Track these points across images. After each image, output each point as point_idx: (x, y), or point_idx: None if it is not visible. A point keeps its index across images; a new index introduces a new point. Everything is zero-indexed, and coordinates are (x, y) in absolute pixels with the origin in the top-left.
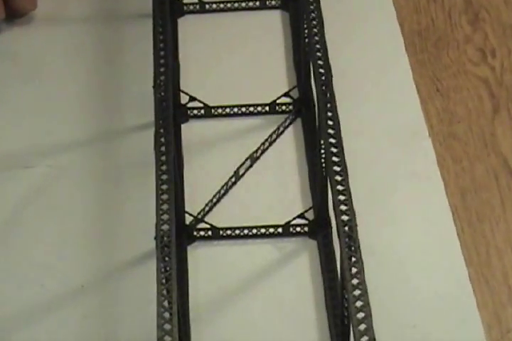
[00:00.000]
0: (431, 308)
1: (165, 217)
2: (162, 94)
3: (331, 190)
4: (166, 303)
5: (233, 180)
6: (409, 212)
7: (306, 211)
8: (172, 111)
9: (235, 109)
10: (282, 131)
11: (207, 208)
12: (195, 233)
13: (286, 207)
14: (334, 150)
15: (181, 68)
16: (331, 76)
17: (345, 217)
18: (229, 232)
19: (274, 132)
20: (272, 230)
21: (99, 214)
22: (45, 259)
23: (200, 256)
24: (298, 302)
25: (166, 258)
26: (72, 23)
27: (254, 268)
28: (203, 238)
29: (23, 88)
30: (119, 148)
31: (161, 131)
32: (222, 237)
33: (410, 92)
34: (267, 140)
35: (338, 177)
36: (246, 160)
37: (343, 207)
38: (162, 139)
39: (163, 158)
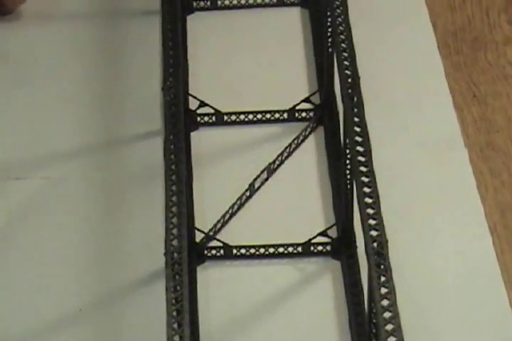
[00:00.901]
0: (468, 338)
1: (175, 231)
2: (172, 97)
3: (359, 202)
4: (176, 326)
5: (248, 193)
6: (443, 230)
7: (328, 228)
8: (183, 116)
9: (250, 116)
10: (302, 140)
11: (219, 224)
12: (205, 252)
13: (307, 223)
14: (362, 159)
15: (190, 70)
16: (359, 78)
17: (374, 233)
18: (243, 251)
19: (294, 141)
20: (290, 249)
21: (99, 231)
22: (38, 280)
23: (211, 278)
24: (320, 330)
25: (177, 277)
26: (67, 20)
27: (271, 291)
28: (214, 257)
29: (14, 92)
30: (121, 158)
31: (171, 137)
32: (236, 257)
33: (444, 98)
34: (285, 150)
35: (367, 189)
36: (262, 172)
37: (371, 222)
38: (172, 146)
39: (174, 167)
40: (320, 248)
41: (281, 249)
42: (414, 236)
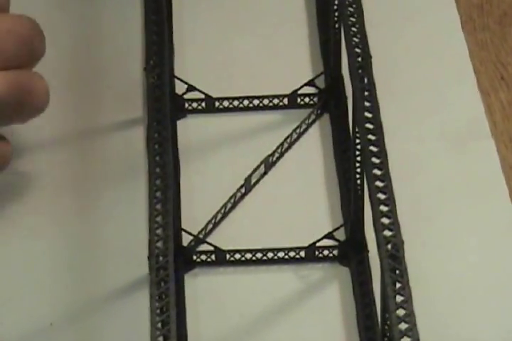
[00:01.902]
0: None
1: (160, 232)
2: (155, 78)
3: (370, 198)
4: (161, 339)
5: (243, 190)
6: (466, 229)
7: (335, 229)
8: (168, 100)
9: (245, 102)
10: (305, 130)
11: (210, 225)
12: (194, 257)
13: (310, 224)
14: (374, 149)
15: (176, 49)
16: (370, 57)
17: (388, 233)
18: (238, 256)
19: (295, 131)
20: (292, 254)
21: (72, 233)
22: (4, 291)
23: (200, 287)
24: None
25: (163, 283)
26: None
27: (270, 302)
28: (204, 263)
29: None
30: (97, 150)
31: (155, 124)
32: (229, 262)
33: (468, 81)
34: (285, 141)
35: (380, 183)
36: (259, 166)
37: (385, 220)
38: (156, 135)
39: (158, 158)
40: (326, 252)
41: (281, 254)
42: (434, 236)
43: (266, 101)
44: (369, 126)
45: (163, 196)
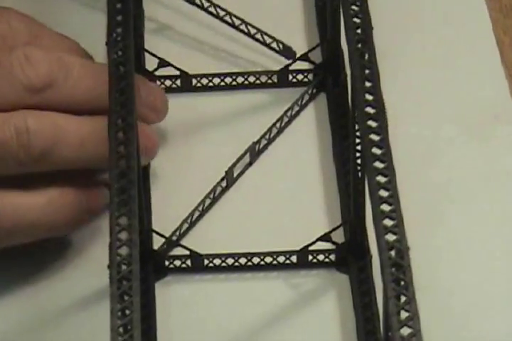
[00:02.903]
0: None
1: (123, 235)
2: (119, 53)
3: (371, 196)
4: None
5: (224, 184)
6: (486, 232)
7: (333, 230)
8: (134, 79)
9: (227, 79)
10: (298, 112)
11: (185, 226)
12: (167, 262)
13: (304, 224)
14: (376, 138)
15: (147, 19)
16: (371, 28)
17: (391, 237)
18: (218, 261)
19: (286, 113)
20: (282, 259)
21: None
22: None
23: (174, 297)
24: None
25: (125, 297)
26: None
27: (256, 315)
28: (178, 270)
29: None
30: None
31: (118, 108)
32: (208, 269)
33: (489, 55)
34: (274, 125)
35: (382, 178)
36: (243, 155)
37: (388, 222)
38: (119, 121)
39: (122, 149)
40: (321, 257)
41: (268, 259)
42: (447, 240)
43: (252, 79)
44: (370, 110)
45: (126, 194)
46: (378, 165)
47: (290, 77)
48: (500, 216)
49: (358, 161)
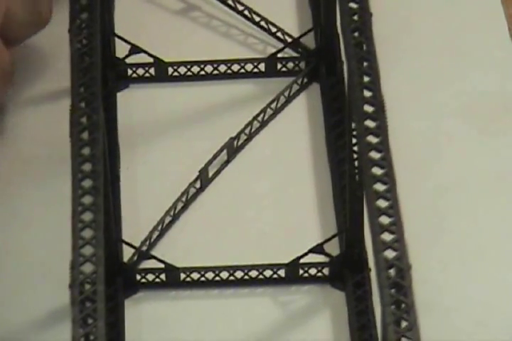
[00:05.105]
0: None
1: (88, 250)
2: (84, 42)
3: (368, 208)
4: None
5: (198, 185)
6: (497, 241)
7: (326, 241)
8: (100, 72)
9: (208, 68)
10: (285, 104)
11: (156, 234)
12: (138, 277)
13: (293, 233)
14: (374, 140)
15: (117, 2)
16: (370, 15)
17: (390, 253)
18: (196, 276)
19: (270, 105)
20: (268, 273)
21: None
22: None
23: (146, 316)
24: None
25: (89, 320)
26: None
27: (240, 336)
28: (151, 285)
29: None
30: (8, 138)
31: (82, 105)
32: (185, 284)
33: (500, 41)
34: (255, 119)
35: (381, 186)
36: (219, 152)
37: (387, 237)
38: (83, 120)
39: (86, 151)
40: (313, 271)
41: (253, 273)
42: (450, 256)
43: (236, 67)
44: (368, 108)
45: (91, 202)
46: (376, 171)
47: (279, 65)
48: (507, 223)
49: (356, 163)
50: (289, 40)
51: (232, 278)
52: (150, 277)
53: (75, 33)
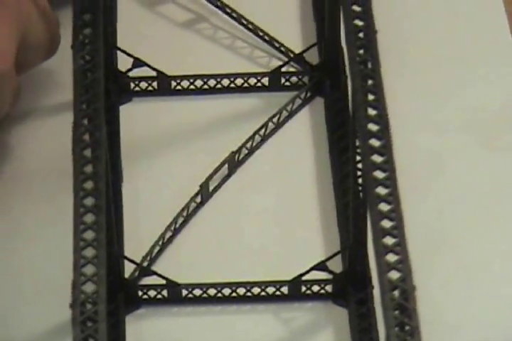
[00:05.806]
0: None
1: (89, 269)
2: (87, 58)
3: (372, 228)
4: None
5: (199, 200)
6: (502, 257)
7: (329, 258)
8: (103, 88)
9: (211, 82)
10: (287, 118)
11: (157, 249)
12: (139, 293)
13: (296, 250)
14: (378, 159)
15: (120, 15)
16: (375, 32)
17: (395, 274)
18: (198, 292)
19: (272, 119)
20: (271, 290)
21: None
22: None
23: (147, 332)
24: None
25: (91, 340)
26: None
27: None
28: (153, 301)
29: None
30: (10, 153)
31: (85, 122)
32: (187, 300)
33: (505, 56)
34: (257, 133)
35: (385, 206)
36: (220, 166)
37: (391, 257)
38: (86, 137)
39: (88, 169)
40: (316, 288)
41: (256, 290)
42: (454, 273)
43: (239, 81)
44: (372, 127)
45: (93, 220)
46: (381, 191)
47: (283, 79)
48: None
49: (359, 181)
50: (293, 54)
51: (234, 294)
52: (151, 293)
53: (78, 49)
